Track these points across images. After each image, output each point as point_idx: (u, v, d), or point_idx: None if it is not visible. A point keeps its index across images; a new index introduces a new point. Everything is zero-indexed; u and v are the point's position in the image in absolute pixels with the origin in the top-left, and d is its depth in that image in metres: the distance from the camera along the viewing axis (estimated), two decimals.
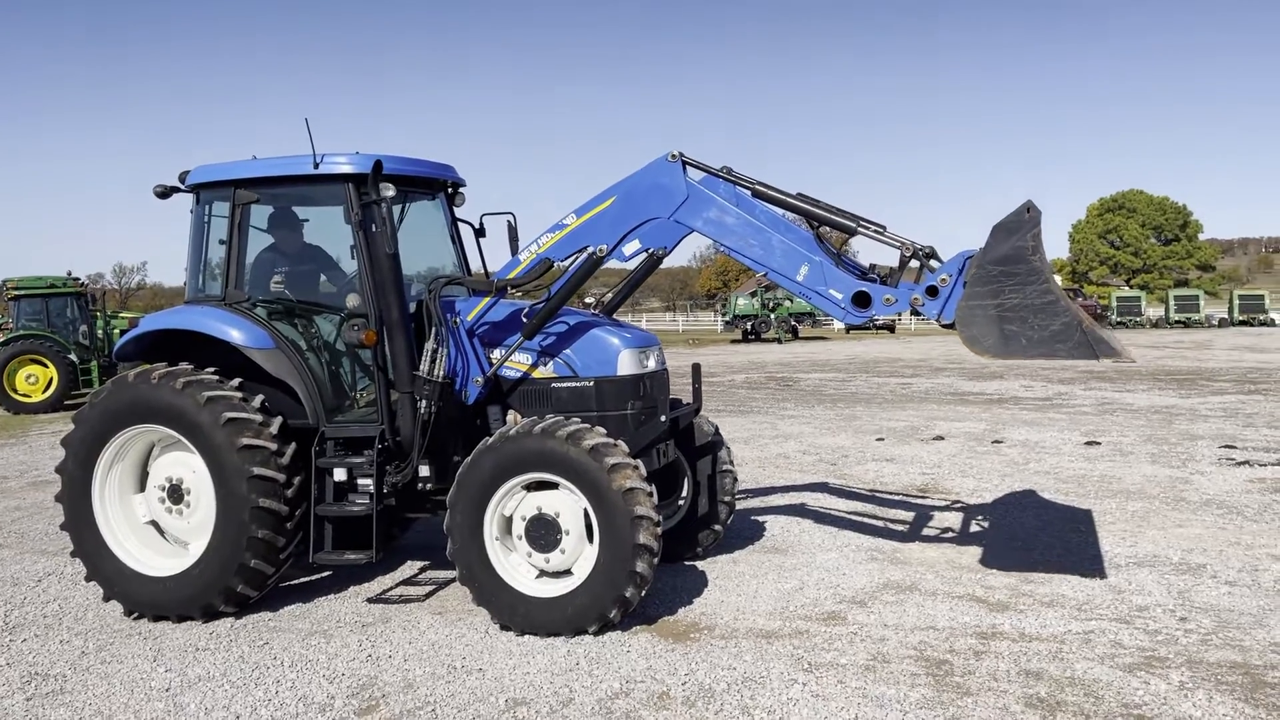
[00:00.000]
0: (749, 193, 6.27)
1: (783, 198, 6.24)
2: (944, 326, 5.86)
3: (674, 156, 6.18)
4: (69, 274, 22.32)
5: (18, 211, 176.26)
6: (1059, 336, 5.48)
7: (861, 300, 5.92)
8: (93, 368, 21.02)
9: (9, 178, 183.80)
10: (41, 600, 6.97)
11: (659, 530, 5.84)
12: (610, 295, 7.43)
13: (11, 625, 6.46)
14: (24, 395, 20.03)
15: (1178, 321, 55.87)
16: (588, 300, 7.79)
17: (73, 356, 20.60)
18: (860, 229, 6.13)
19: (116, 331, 21.87)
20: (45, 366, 20.21)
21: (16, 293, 21.48)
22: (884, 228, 6.15)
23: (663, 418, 6.53)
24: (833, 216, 6.18)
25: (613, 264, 6.51)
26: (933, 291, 5.81)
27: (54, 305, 21.66)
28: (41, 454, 14.02)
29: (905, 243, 6.03)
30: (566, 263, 6.39)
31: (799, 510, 9.16)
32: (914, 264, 6.05)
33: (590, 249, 6.27)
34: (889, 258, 6.18)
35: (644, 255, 6.33)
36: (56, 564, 7.80)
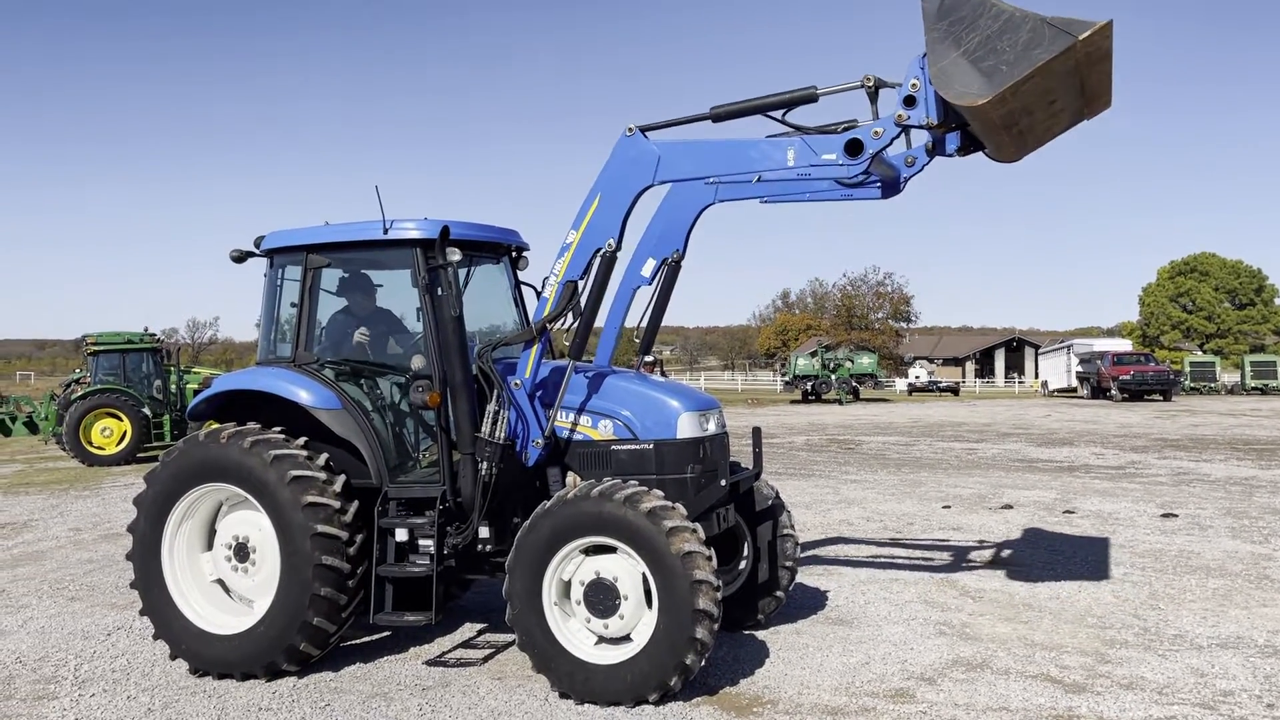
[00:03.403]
0: (709, 121, 6.38)
1: (739, 106, 6.31)
2: (937, 126, 5.76)
3: (631, 130, 6.40)
4: (145, 329, 23.04)
5: (98, 268, 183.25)
6: (1032, 43, 5.27)
7: (853, 148, 5.92)
8: (165, 421, 21.55)
9: (91, 235, 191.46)
10: (110, 655, 7.07)
11: (719, 595, 5.75)
12: (643, 323, 7.40)
13: (81, 679, 6.55)
14: (98, 448, 20.57)
15: (1254, 388, 54.17)
16: (648, 359, 7.77)
17: (146, 410, 21.15)
18: (819, 92, 6.12)
19: (190, 387, 22.44)
20: (120, 420, 20.77)
21: (96, 348, 22.20)
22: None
23: (722, 482, 6.47)
24: (789, 96, 6.20)
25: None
26: (910, 101, 5.78)
27: (131, 360, 22.33)
28: (114, 506, 14.34)
29: (865, 77, 5.98)
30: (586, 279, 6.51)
31: (864, 580, 8.96)
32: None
33: (600, 249, 6.40)
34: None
35: (662, 268, 6.53)
36: (126, 618, 7.92)
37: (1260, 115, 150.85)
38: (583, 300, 6.48)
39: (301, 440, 6.50)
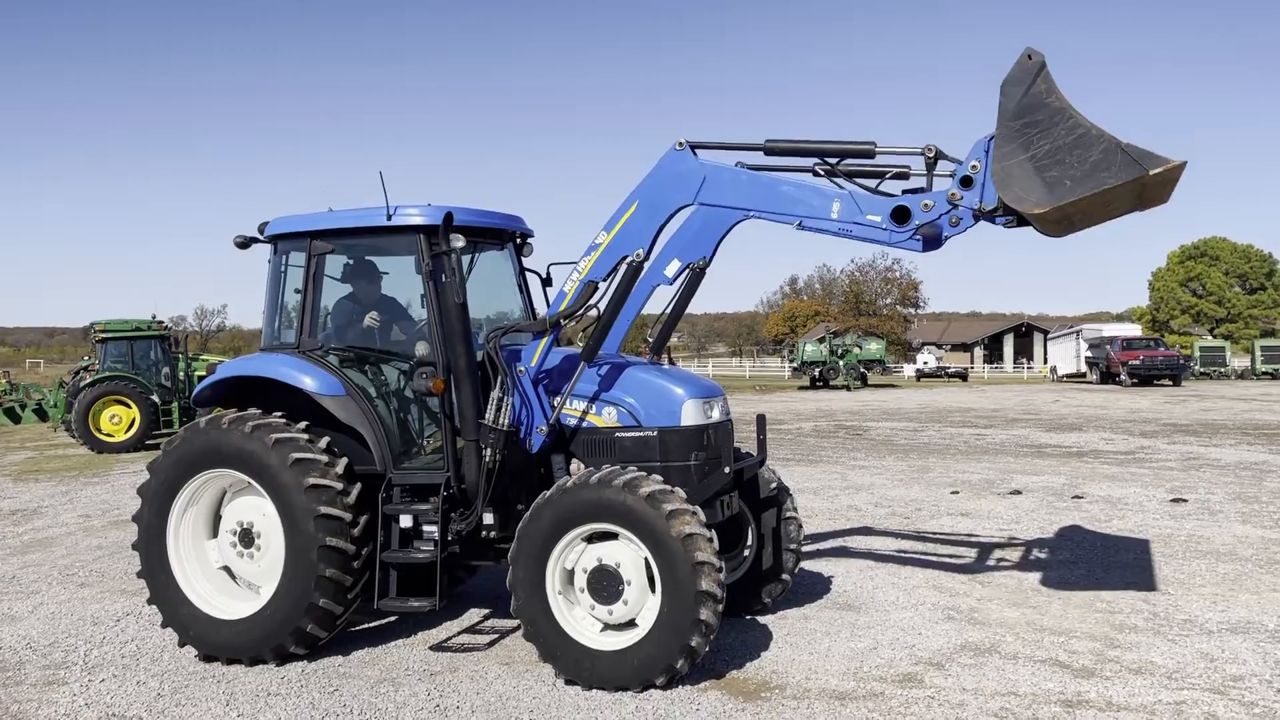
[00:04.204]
0: (761, 153, 6.27)
1: (794, 145, 6.22)
2: (987, 214, 5.72)
3: (681, 144, 6.28)
4: (153, 317, 23.07)
5: (104, 255, 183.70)
6: (1101, 165, 5.25)
7: (900, 215, 5.83)
8: (174, 408, 21.60)
9: (99, 224, 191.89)
10: (120, 640, 7.09)
11: (722, 576, 5.75)
12: (659, 323, 7.38)
13: (91, 665, 6.58)
14: (108, 435, 20.64)
15: (1265, 373, 53.92)
16: (649, 339, 7.75)
17: (155, 397, 21.20)
18: (879, 150, 6.03)
19: (198, 374, 22.47)
20: (128, 407, 20.82)
21: (104, 335, 22.24)
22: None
23: (727, 469, 6.45)
24: (848, 146, 6.11)
25: (660, 304, 6.50)
26: (967, 182, 5.71)
27: (139, 347, 22.37)
28: (123, 493, 14.39)
29: (926, 147, 5.90)
30: (609, 281, 6.43)
31: (871, 565, 8.94)
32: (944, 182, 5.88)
33: (628, 257, 6.31)
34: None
35: (686, 271, 6.38)
36: (135, 604, 7.94)
37: (1271, 97, 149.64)
38: (602, 303, 6.42)
39: (303, 424, 6.50)
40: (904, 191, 6.02)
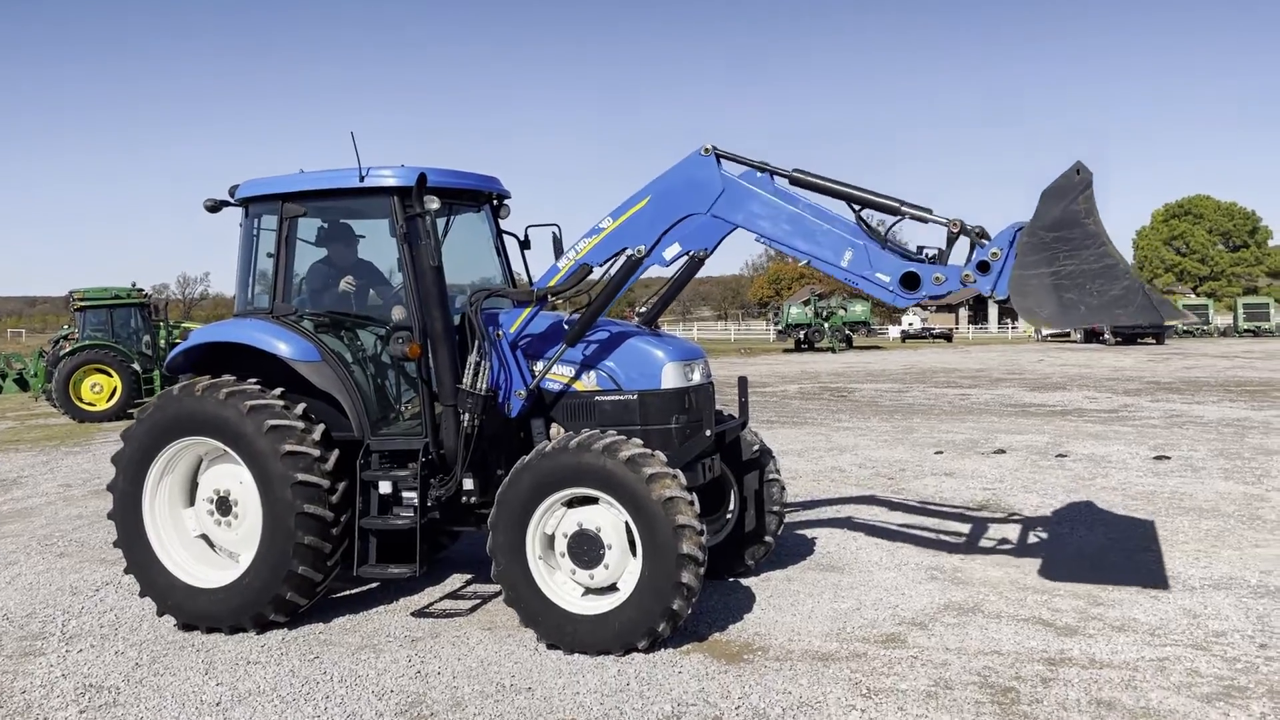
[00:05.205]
0: (786, 181, 6.14)
1: (822, 183, 6.08)
2: (998, 302, 5.73)
3: (707, 150, 6.09)
4: (133, 285, 22.80)
5: (86, 224, 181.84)
6: (1120, 302, 5.27)
7: (910, 282, 5.75)
8: (155, 377, 21.39)
9: (78, 191, 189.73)
10: (98, 610, 7.03)
11: (703, 539, 5.72)
12: (653, 301, 7.32)
13: (69, 635, 6.51)
14: (89, 404, 20.44)
15: (1247, 330, 54.35)
16: (641, 310, 7.69)
17: (136, 366, 20.98)
18: (904, 209, 5.92)
19: (177, 341, 22.25)
20: (109, 376, 20.62)
21: (83, 303, 21.96)
22: (929, 210, 5.92)
23: (708, 432, 6.39)
24: (875, 198, 5.98)
25: (654, 271, 6.43)
26: (984, 267, 5.64)
27: (119, 316, 22.11)
28: (104, 462, 14.16)
29: (952, 220, 5.80)
30: (605, 267, 6.31)
31: (855, 526, 8.94)
32: (963, 242, 5.83)
33: (628, 250, 6.19)
34: (932, 240, 5.98)
35: (685, 258, 6.25)
36: (114, 573, 7.86)
37: (1255, 55, 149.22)
38: (594, 288, 6.30)
39: (278, 391, 6.40)
40: (919, 249, 5.93)
